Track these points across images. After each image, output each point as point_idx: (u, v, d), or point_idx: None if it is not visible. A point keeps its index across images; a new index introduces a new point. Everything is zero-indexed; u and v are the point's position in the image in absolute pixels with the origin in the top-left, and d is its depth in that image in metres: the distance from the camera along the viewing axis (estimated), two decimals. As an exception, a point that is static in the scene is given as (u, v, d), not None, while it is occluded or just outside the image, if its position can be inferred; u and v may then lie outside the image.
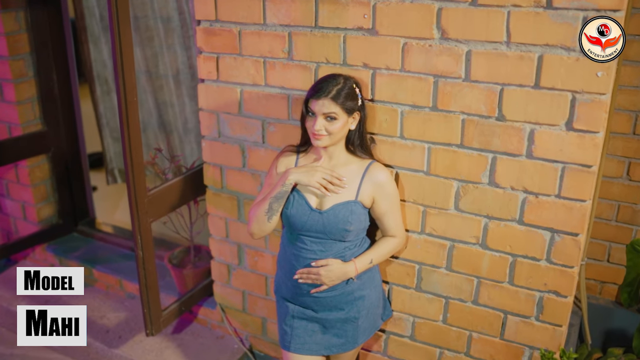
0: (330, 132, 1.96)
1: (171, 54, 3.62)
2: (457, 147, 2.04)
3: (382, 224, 2.15)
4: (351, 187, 2.07)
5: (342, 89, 1.94)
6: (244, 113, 2.46)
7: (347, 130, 2.01)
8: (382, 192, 2.07)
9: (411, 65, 2.02)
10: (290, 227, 2.13)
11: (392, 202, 2.11)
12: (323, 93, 1.92)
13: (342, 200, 2.06)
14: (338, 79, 1.97)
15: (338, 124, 1.95)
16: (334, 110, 1.93)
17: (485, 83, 1.92)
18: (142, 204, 2.42)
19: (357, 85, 2.01)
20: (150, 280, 2.57)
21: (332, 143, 2.01)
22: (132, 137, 2.30)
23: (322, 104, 1.93)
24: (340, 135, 2.00)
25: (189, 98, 3.86)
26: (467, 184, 2.07)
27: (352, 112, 1.98)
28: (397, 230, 2.16)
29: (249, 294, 2.84)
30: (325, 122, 1.95)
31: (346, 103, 1.94)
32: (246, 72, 2.38)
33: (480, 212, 2.09)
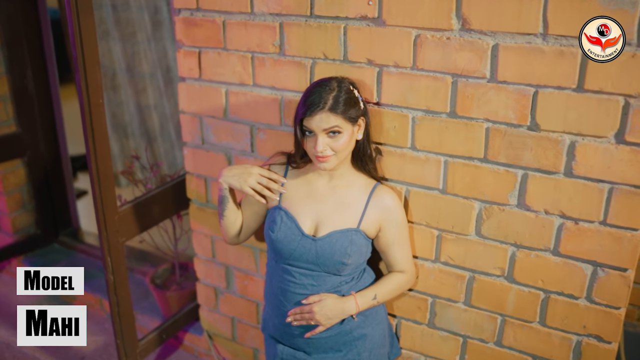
0: (336, 149, 1.66)
1: (159, 50, 3.32)
2: (479, 161, 1.72)
3: (388, 256, 1.85)
4: (353, 212, 1.76)
5: (339, 95, 1.64)
6: (230, 117, 2.16)
7: (354, 142, 1.71)
8: (389, 219, 1.77)
9: (425, 62, 1.70)
10: (275, 254, 1.83)
11: (400, 231, 1.80)
12: (318, 106, 1.62)
13: (341, 227, 1.75)
14: (330, 84, 1.67)
15: (344, 137, 1.65)
16: (336, 123, 1.62)
17: (516, 84, 1.60)
18: (111, 221, 2.13)
19: (354, 86, 1.70)
20: (124, 307, 2.28)
21: (340, 162, 1.70)
22: (99, 144, 2.01)
23: (319, 119, 1.62)
24: (348, 151, 1.71)
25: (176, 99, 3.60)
26: (491, 205, 1.75)
27: (357, 119, 1.67)
28: (405, 264, 1.85)
29: (239, 322, 2.55)
30: (328, 140, 1.65)
31: (348, 111, 1.63)
32: (232, 70, 2.08)
33: (506, 239, 1.77)
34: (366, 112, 1.72)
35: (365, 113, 1.72)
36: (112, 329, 2.31)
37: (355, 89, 1.70)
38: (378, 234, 1.79)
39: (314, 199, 1.80)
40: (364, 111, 1.71)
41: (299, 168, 1.83)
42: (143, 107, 3.13)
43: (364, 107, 1.71)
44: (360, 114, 1.69)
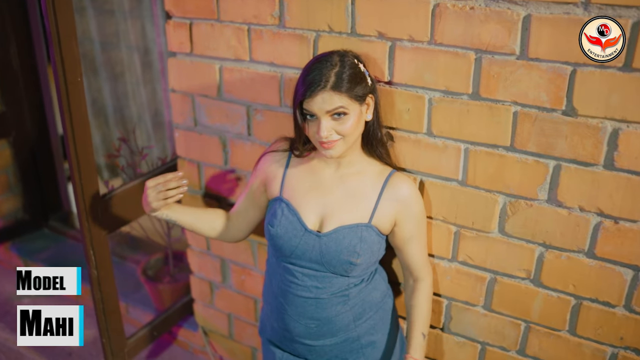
0: (343, 133, 1.47)
1: (148, 22, 3.09)
2: (505, 149, 1.53)
3: (404, 254, 1.66)
4: (365, 204, 1.58)
5: (343, 71, 1.44)
6: (225, 96, 1.97)
7: (363, 124, 1.52)
8: (407, 212, 1.59)
9: (444, 36, 1.50)
10: (276, 251, 1.65)
11: (419, 226, 1.62)
12: (319, 85, 1.42)
13: (350, 221, 1.57)
14: (331, 58, 1.47)
15: (351, 119, 1.46)
16: (340, 103, 1.44)
17: (550, 62, 1.40)
18: (94, 211, 1.96)
19: (359, 60, 1.51)
20: (109, 304, 2.12)
21: (348, 148, 1.52)
22: (78, 126, 1.83)
23: (321, 100, 1.43)
24: (357, 134, 1.52)
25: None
26: (517, 200, 1.56)
27: (364, 97, 1.48)
28: (424, 264, 1.68)
29: (236, 318, 2.39)
30: (332, 123, 1.46)
31: (354, 88, 1.44)
32: (226, 44, 1.88)
33: (534, 238, 1.58)
34: (375, 89, 1.53)
35: (373, 90, 1.52)
36: (97, 327, 2.15)
37: (361, 62, 1.51)
38: (393, 229, 1.61)
39: (320, 190, 1.62)
40: (372, 88, 1.51)
41: (302, 156, 1.64)
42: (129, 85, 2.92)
43: (372, 83, 1.52)
44: (368, 91, 1.50)
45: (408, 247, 1.64)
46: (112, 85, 3.10)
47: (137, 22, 2.81)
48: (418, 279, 1.69)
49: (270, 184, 1.70)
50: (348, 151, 1.55)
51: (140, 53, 2.83)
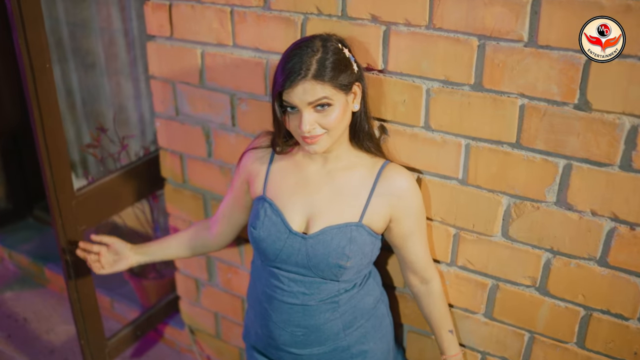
0: (327, 127, 1.34)
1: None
2: (510, 146, 1.40)
3: (403, 251, 1.54)
4: (354, 201, 1.45)
5: (326, 58, 1.31)
6: (207, 84, 1.84)
7: (350, 115, 1.38)
8: (403, 206, 1.46)
9: (444, 20, 1.36)
10: (259, 254, 1.53)
11: (418, 220, 1.50)
12: (299, 74, 1.29)
13: (338, 221, 1.44)
14: (312, 44, 1.34)
15: (335, 111, 1.33)
16: (324, 93, 1.30)
17: (562, 50, 1.25)
18: (67, 207, 1.84)
19: (344, 44, 1.38)
20: (87, 304, 2.01)
21: (334, 141, 1.39)
22: (47, 117, 1.70)
23: (302, 90, 1.30)
24: (343, 127, 1.39)
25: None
26: (522, 201, 1.43)
27: (350, 86, 1.35)
28: (428, 262, 1.57)
29: (223, 318, 2.28)
30: (316, 115, 1.33)
31: (338, 77, 1.31)
32: (208, 27, 1.74)
33: (540, 243, 1.45)
34: (361, 76, 1.39)
35: (360, 77, 1.39)
36: (75, 328, 2.05)
37: (346, 47, 1.37)
38: (389, 225, 1.49)
39: (305, 187, 1.49)
40: (358, 75, 1.38)
41: (284, 153, 1.51)
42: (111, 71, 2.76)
43: (359, 70, 1.38)
44: (354, 79, 1.36)
45: (409, 244, 1.51)
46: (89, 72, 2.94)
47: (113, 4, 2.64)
48: (425, 281, 1.57)
49: (253, 183, 1.57)
50: (334, 145, 1.43)
51: (120, 37, 2.67)
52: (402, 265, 1.58)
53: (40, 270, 2.97)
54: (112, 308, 2.74)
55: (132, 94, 2.66)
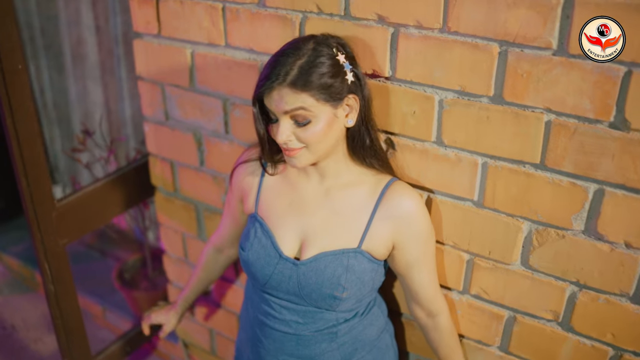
0: (305, 142, 1.19)
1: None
2: (533, 167, 1.24)
3: (408, 280, 1.38)
4: (353, 224, 1.30)
5: (311, 62, 1.15)
6: (198, 87, 1.69)
7: (339, 130, 1.23)
8: (409, 230, 1.30)
9: (461, 22, 1.20)
10: (249, 278, 1.40)
11: (425, 247, 1.34)
12: (276, 79, 1.14)
13: (334, 247, 1.30)
14: (304, 45, 1.18)
15: (317, 125, 1.18)
16: (300, 104, 1.15)
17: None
18: (47, 220, 1.71)
19: (342, 49, 1.21)
20: (71, 321, 1.89)
21: (318, 158, 1.24)
22: (21, 123, 1.56)
23: (278, 97, 1.16)
24: (328, 144, 1.22)
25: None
26: (546, 228, 1.28)
27: (341, 97, 1.18)
28: (435, 294, 1.41)
29: (218, 334, 2.15)
30: (295, 128, 1.18)
31: (323, 87, 1.16)
32: (198, 25, 1.59)
33: (565, 275, 1.30)
34: (360, 88, 1.22)
35: (357, 89, 1.21)
36: (57, 345, 1.92)
37: (343, 53, 1.20)
38: (392, 252, 1.34)
39: (300, 207, 1.35)
40: (353, 86, 1.20)
41: (274, 173, 1.37)
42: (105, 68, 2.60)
43: (357, 81, 1.21)
44: (347, 91, 1.19)
45: (414, 273, 1.36)
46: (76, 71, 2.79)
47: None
48: (432, 314, 1.42)
49: (246, 199, 1.43)
50: (329, 161, 1.28)
51: (104, 34, 2.51)
52: (407, 295, 1.43)
53: (31, 274, 2.85)
54: (104, 317, 2.62)
55: (121, 94, 2.51)
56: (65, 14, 2.60)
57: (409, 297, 1.43)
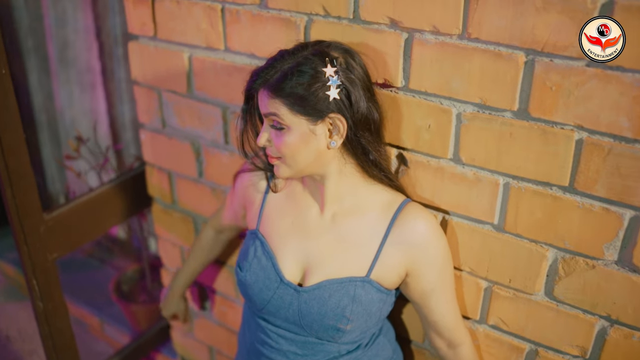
0: (279, 151, 1.11)
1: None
2: (561, 190, 1.12)
3: (425, 312, 1.26)
4: (362, 250, 1.19)
5: (293, 69, 1.06)
6: (196, 94, 1.58)
7: (321, 149, 1.11)
8: (424, 258, 1.19)
9: (483, 28, 1.08)
10: (246, 300, 1.29)
11: (442, 273, 1.22)
12: (257, 77, 1.10)
13: (340, 274, 1.19)
14: (301, 51, 1.11)
15: (289, 137, 1.09)
16: (274, 109, 1.08)
17: (638, 73, 0.96)
18: (34, 234, 1.61)
19: (340, 62, 1.08)
20: (61, 339, 1.79)
21: (298, 173, 1.15)
22: (4, 132, 1.47)
23: (260, 97, 1.12)
24: (306, 159, 1.12)
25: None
26: (574, 257, 1.15)
27: (318, 113, 1.07)
28: (456, 323, 1.29)
29: (218, 353, 2.04)
30: (271, 132, 1.13)
31: (295, 97, 1.06)
32: (196, 27, 1.49)
33: (594, 308, 1.18)
34: (347, 109, 1.08)
35: (344, 109, 1.08)
36: None
37: (338, 65, 1.07)
38: (406, 280, 1.22)
39: (303, 229, 1.24)
40: (341, 106, 1.07)
41: (277, 190, 1.27)
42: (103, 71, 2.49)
43: (347, 100, 1.08)
44: (328, 108, 1.07)
45: (431, 302, 1.24)
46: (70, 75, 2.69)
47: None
48: (453, 345, 1.29)
49: (249, 211, 1.34)
50: (329, 184, 1.18)
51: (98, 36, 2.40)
52: (424, 324, 1.31)
53: (24, 282, 2.76)
54: (102, 329, 2.53)
55: (120, 98, 2.40)
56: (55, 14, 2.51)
57: (426, 326, 1.30)
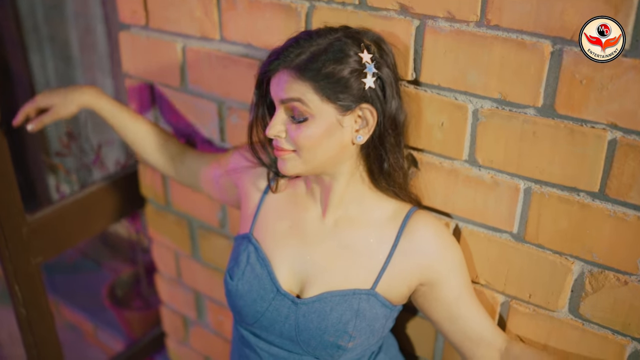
0: (295, 143, 1.00)
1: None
2: (591, 196, 1.00)
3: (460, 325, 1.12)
4: (367, 261, 1.09)
5: (326, 50, 0.96)
6: (190, 88, 1.48)
7: (344, 145, 1.02)
8: (445, 265, 1.09)
9: (504, 14, 0.97)
10: (234, 313, 1.19)
11: (463, 276, 1.12)
12: (283, 58, 0.97)
13: (343, 285, 1.08)
14: (328, 34, 0.99)
15: (313, 127, 0.98)
16: (299, 94, 0.97)
17: (682, 64, 0.85)
18: (16, 236, 1.52)
19: (373, 49, 1.01)
20: (46, 350, 1.69)
21: (310, 170, 1.04)
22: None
23: (278, 80, 0.99)
24: (324, 155, 1.02)
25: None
26: (603, 271, 1.04)
27: (350, 101, 0.97)
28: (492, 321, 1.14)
29: (215, 363, 1.94)
30: (288, 122, 1.00)
31: (329, 79, 0.95)
32: (189, 15, 1.38)
33: (625, 329, 1.06)
34: (380, 100, 1.00)
35: (377, 101, 1.00)
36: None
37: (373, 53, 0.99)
38: (422, 290, 1.11)
39: (301, 234, 1.13)
40: (374, 96, 0.99)
41: (277, 191, 1.17)
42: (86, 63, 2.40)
43: (381, 85, 1.00)
44: (362, 97, 0.98)
45: (461, 310, 1.11)
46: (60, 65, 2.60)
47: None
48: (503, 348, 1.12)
49: (244, 204, 1.22)
50: (334, 180, 1.07)
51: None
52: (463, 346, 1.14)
53: (19, 284, 2.68)
54: (95, 335, 2.44)
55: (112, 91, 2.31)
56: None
57: (466, 346, 1.13)
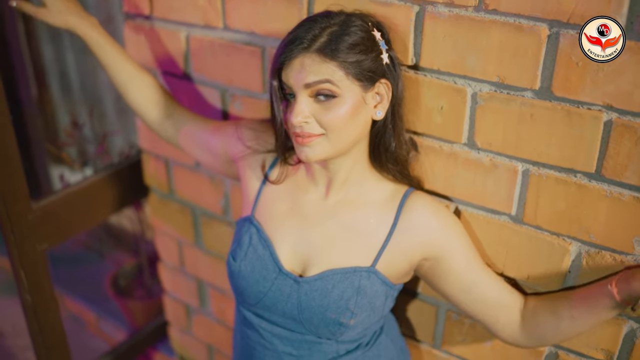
0: (326, 126, 1.00)
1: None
2: (587, 177, 1.03)
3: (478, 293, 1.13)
4: (368, 240, 1.12)
5: (343, 31, 0.99)
6: (194, 76, 1.51)
7: (365, 123, 1.05)
8: (449, 238, 1.12)
9: (501, 0, 1.00)
10: (236, 294, 1.21)
11: (469, 245, 1.14)
12: (301, 42, 0.98)
13: (344, 263, 1.10)
14: (332, 16, 1.02)
15: (343, 106, 1.00)
16: (328, 75, 0.98)
17: (676, 45, 0.88)
18: (21, 223, 1.54)
19: (378, 27, 1.05)
20: (51, 337, 1.72)
21: (335, 153, 1.05)
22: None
23: (300, 65, 0.98)
24: (350, 135, 1.04)
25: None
26: (600, 251, 1.07)
27: (372, 78, 1.01)
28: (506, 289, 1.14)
29: (218, 352, 1.97)
30: (315, 107, 1.00)
31: (356, 59, 0.98)
32: (193, 4, 1.41)
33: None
34: (394, 73, 1.05)
35: (391, 73, 1.04)
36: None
37: (379, 30, 1.04)
38: (430, 265, 1.13)
39: (302, 214, 1.16)
40: (387, 69, 1.03)
41: (277, 182, 1.19)
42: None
43: (391, 65, 1.04)
44: (380, 73, 1.02)
45: (475, 277, 1.12)
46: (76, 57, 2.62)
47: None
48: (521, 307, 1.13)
49: (245, 186, 1.24)
50: (342, 164, 1.09)
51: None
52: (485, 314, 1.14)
53: (22, 276, 2.71)
54: (98, 325, 2.47)
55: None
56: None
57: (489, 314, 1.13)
